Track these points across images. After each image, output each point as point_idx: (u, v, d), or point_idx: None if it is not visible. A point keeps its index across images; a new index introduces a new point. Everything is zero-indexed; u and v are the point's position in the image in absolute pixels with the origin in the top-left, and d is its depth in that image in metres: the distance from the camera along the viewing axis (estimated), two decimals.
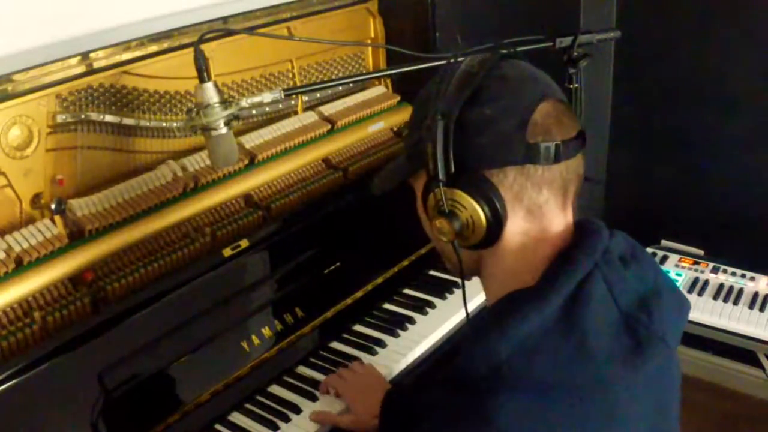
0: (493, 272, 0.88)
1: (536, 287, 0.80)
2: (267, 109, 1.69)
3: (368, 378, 1.37)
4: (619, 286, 0.82)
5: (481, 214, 0.81)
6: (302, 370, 1.45)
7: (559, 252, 0.83)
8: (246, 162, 1.57)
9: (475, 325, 0.84)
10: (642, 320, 0.81)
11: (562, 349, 0.76)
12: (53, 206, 1.29)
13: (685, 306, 0.91)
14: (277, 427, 1.30)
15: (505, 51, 0.89)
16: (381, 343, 1.50)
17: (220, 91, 1.16)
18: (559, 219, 0.85)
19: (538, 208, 0.83)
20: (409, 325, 1.55)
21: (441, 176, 0.81)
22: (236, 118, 1.18)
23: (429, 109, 0.83)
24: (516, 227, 0.83)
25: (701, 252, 2.15)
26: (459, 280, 0.95)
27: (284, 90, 1.21)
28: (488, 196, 0.81)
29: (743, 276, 2.02)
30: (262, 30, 1.62)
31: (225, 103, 1.16)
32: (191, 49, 1.13)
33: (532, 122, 0.81)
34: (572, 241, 0.84)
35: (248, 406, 1.35)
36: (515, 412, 0.73)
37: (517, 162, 0.80)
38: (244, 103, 1.19)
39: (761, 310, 1.89)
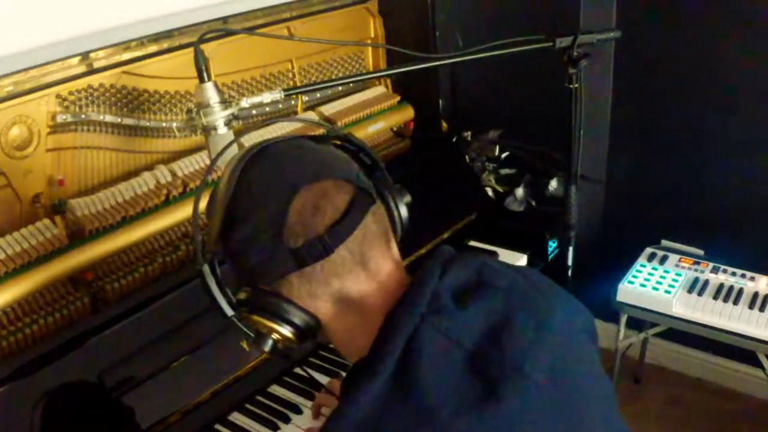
0: (339, 348, 0.87)
1: (366, 359, 0.76)
2: (267, 109, 1.69)
3: None
4: (456, 329, 0.76)
5: (283, 328, 0.81)
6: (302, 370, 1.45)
7: (386, 316, 0.79)
8: None
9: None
10: (491, 355, 0.75)
11: (401, 418, 0.72)
12: (53, 206, 1.28)
13: (552, 319, 0.81)
14: (277, 427, 1.30)
15: (251, 150, 0.83)
16: None
17: (220, 91, 1.17)
18: (370, 289, 0.81)
19: (340, 293, 0.81)
20: None
21: (228, 312, 0.83)
22: (236, 118, 1.18)
23: (197, 255, 0.84)
24: (329, 315, 0.82)
25: (701, 252, 2.15)
26: None
27: (284, 90, 1.21)
28: (280, 310, 0.80)
29: (743, 276, 2.02)
30: (262, 30, 1.62)
31: (225, 103, 1.16)
32: (191, 49, 1.14)
33: (288, 227, 0.77)
34: (399, 299, 0.80)
35: (248, 406, 1.35)
36: None
37: (291, 270, 0.78)
38: (244, 103, 1.19)
39: (761, 310, 1.88)
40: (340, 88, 1.86)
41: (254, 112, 1.67)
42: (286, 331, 0.81)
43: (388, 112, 1.90)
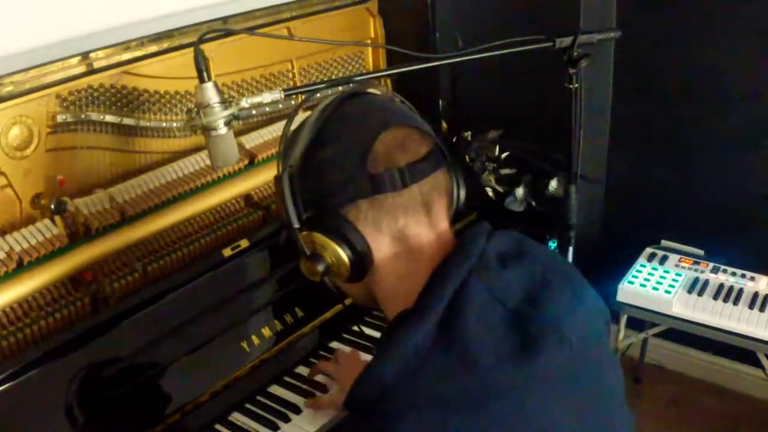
0: (382, 298, 0.89)
1: (414, 306, 0.81)
2: (267, 109, 1.69)
3: (359, 358, 1.40)
4: (499, 286, 0.81)
5: (341, 252, 0.84)
6: (302, 370, 1.45)
7: (435, 267, 0.84)
8: (246, 162, 1.57)
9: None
10: (531, 315, 0.80)
11: (445, 363, 0.76)
12: (53, 206, 1.28)
13: (585, 291, 0.88)
14: (277, 427, 1.30)
15: (350, 90, 0.93)
16: None
17: (220, 91, 1.16)
18: (428, 237, 0.86)
19: (401, 233, 0.85)
20: None
21: (294, 223, 0.85)
22: (236, 118, 1.18)
23: (281, 161, 0.88)
24: (385, 255, 0.85)
25: (701, 252, 2.15)
26: None
27: (284, 90, 1.21)
28: (344, 233, 0.83)
29: (743, 276, 2.02)
30: (262, 30, 1.62)
31: (225, 103, 1.16)
32: (191, 49, 1.13)
33: (373, 153, 0.83)
34: (449, 254, 0.85)
35: (248, 406, 1.35)
36: None
37: (365, 195, 0.83)
38: (244, 103, 1.19)
39: (761, 310, 1.88)
40: (340, 88, 1.86)
41: (254, 112, 1.66)
42: (344, 254, 0.84)
43: None
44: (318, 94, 1.78)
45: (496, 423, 0.74)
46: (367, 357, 1.43)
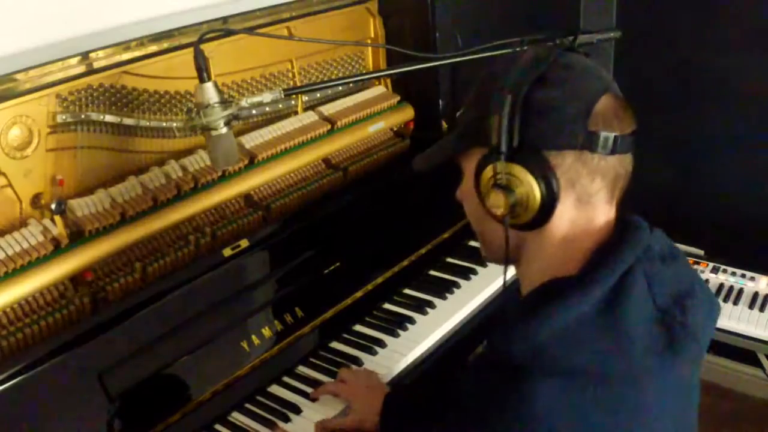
0: (534, 257, 0.89)
1: (579, 277, 0.82)
2: (267, 109, 1.69)
3: (367, 377, 1.38)
4: (657, 282, 0.84)
5: (536, 190, 0.83)
6: (302, 370, 1.45)
7: (599, 245, 0.85)
8: (246, 162, 1.57)
9: (512, 311, 0.86)
10: (677, 317, 0.82)
11: (601, 341, 0.78)
12: (53, 206, 1.28)
13: (716, 308, 0.93)
14: (277, 427, 1.30)
15: (568, 45, 0.94)
16: (381, 343, 1.50)
17: (220, 91, 1.16)
18: (605, 211, 0.87)
19: (588, 197, 0.85)
20: (409, 325, 1.55)
21: (503, 149, 0.83)
22: (236, 118, 1.18)
23: (495, 87, 0.85)
24: (564, 213, 0.85)
25: (701, 252, 2.15)
26: (459, 280, 0.96)
27: (284, 90, 1.21)
28: (545, 174, 0.82)
29: (743, 276, 2.02)
30: (262, 30, 1.62)
31: (225, 103, 1.16)
32: (191, 49, 1.13)
33: (595, 111, 0.83)
34: (615, 235, 0.86)
35: (248, 406, 1.35)
36: (550, 398, 0.75)
37: (576, 147, 0.82)
38: (244, 103, 1.19)
39: (761, 310, 1.88)
40: (340, 88, 1.86)
41: (254, 111, 1.67)
42: (538, 194, 0.83)
43: (388, 112, 1.89)
44: (329, 91, 1.80)
45: (628, 408, 0.78)
46: (382, 370, 1.41)
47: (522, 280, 0.92)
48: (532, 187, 0.83)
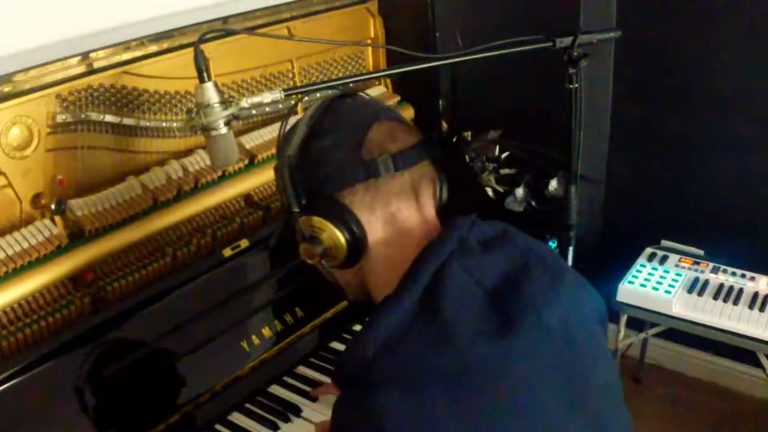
0: (374, 284, 0.93)
1: (395, 289, 0.85)
2: (267, 109, 1.69)
3: None
4: (479, 269, 0.85)
5: (337, 232, 0.89)
6: (302, 370, 1.45)
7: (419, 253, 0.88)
8: (246, 162, 1.57)
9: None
10: (509, 296, 0.84)
11: (424, 338, 0.80)
12: (53, 206, 1.28)
13: (566, 277, 0.90)
14: (277, 427, 1.30)
15: (341, 91, 1.01)
16: None
17: (220, 91, 1.16)
18: (417, 221, 0.92)
19: (392, 217, 0.91)
20: None
21: (294, 207, 0.90)
22: (236, 118, 1.18)
23: (280, 154, 0.93)
24: (378, 238, 0.91)
25: (701, 252, 2.15)
26: None
27: (284, 90, 1.21)
28: (341, 215, 0.89)
29: (743, 276, 2.02)
30: (262, 30, 1.62)
31: (225, 103, 1.16)
32: (191, 49, 1.13)
33: (367, 141, 0.90)
34: (432, 240, 0.89)
35: (248, 406, 1.35)
36: (395, 407, 0.75)
37: (361, 179, 0.89)
38: (244, 103, 1.18)
39: (761, 310, 1.88)
40: (340, 88, 1.86)
41: (254, 112, 1.67)
42: (341, 235, 0.89)
43: None
44: (318, 94, 1.80)
45: (470, 398, 0.77)
46: None
47: None
48: (332, 231, 0.89)
